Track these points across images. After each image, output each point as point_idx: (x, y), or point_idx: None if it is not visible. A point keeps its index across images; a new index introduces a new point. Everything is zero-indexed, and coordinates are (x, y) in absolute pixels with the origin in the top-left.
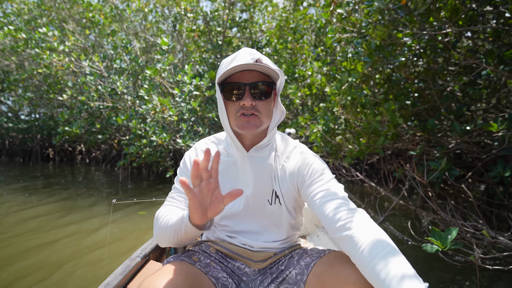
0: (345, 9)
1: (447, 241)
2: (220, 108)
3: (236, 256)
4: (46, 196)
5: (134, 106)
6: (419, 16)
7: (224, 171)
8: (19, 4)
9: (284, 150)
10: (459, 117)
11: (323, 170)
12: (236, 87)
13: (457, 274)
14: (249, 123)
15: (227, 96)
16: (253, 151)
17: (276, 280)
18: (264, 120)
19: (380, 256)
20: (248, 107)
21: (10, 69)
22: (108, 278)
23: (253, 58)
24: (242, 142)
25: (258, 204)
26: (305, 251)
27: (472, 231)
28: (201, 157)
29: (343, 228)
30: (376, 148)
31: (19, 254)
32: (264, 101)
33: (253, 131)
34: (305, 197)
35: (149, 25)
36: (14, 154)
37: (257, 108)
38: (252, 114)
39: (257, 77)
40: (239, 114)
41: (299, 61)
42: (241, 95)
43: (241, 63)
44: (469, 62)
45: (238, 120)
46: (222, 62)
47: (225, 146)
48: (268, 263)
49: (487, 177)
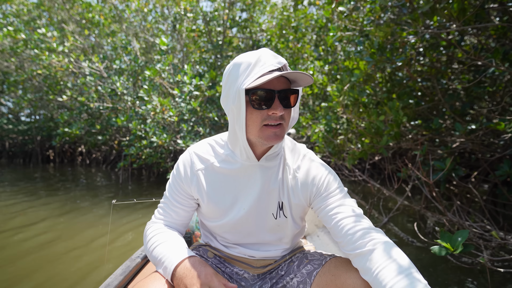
0: (347, 6)
1: (457, 243)
2: (237, 115)
3: (235, 262)
4: (47, 197)
5: (134, 107)
6: (422, 15)
7: (224, 181)
8: (18, 5)
9: (293, 158)
10: (463, 116)
11: (338, 184)
12: (267, 95)
13: (464, 276)
14: (276, 134)
15: (252, 104)
16: (264, 161)
17: (275, 286)
18: (287, 129)
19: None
20: (277, 117)
21: (9, 71)
22: (108, 279)
23: (280, 62)
24: (254, 151)
25: (261, 218)
26: (305, 255)
27: (481, 232)
28: (196, 163)
29: (361, 246)
30: (379, 148)
31: (18, 255)
32: (290, 110)
33: (278, 142)
34: (317, 210)
35: (148, 26)
36: (14, 156)
37: (284, 117)
38: (279, 124)
39: (285, 84)
40: (264, 123)
41: (300, 60)
42: (270, 103)
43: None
44: (477, 60)
45: (263, 130)
46: (240, 63)
47: (226, 152)
48: (268, 269)
49: (493, 177)
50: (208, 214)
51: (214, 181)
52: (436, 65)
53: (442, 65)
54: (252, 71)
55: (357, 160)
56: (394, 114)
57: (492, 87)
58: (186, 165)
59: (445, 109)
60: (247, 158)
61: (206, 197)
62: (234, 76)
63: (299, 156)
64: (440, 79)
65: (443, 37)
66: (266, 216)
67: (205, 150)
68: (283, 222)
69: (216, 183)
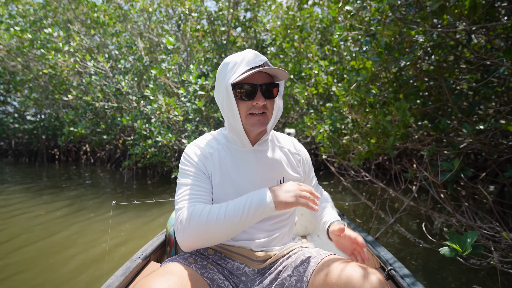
0: (354, 6)
1: (466, 245)
2: (229, 108)
3: (235, 256)
4: (51, 196)
5: (138, 106)
6: (431, 13)
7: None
8: (24, 5)
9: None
10: (471, 116)
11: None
12: (250, 88)
13: (471, 277)
14: (260, 121)
15: (239, 96)
16: (258, 146)
17: (275, 282)
18: (270, 117)
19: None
20: (260, 107)
21: (16, 70)
22: (109, 280)
23: (261, 60)
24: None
25: None
26: (303, 253)
27: (491, 233)
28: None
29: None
30: (386, 149)
31: (18, 254)
32: (272, 100)
33: (262, 128)
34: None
35: (153, 25)
36: (20, 155)
37: (267, 107)
38: (263, 112)
39: (267, 79)
40: (249, 113)
41: (305, 60)
42: (253, 95)
43: (253, 65)
44: (486, 60)
45: (248, 118)
46: (228, 63)
47: (225, 143)
48: (267, 263)
49: (502, 178)
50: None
51: (222, 162)
52: (443, 64)
53: (449, 65)
54: (238, 68)
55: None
56: (401, 114)
57: (500, 87)
58: (196, 149)
59: (452, 109)
60: (242, 144)
61: (219, 174)
62: (223, 73)
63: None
64: (448, 78)
65: (451, 36)
66: None
67: (206, 141)
68: None
69: (224, 164)
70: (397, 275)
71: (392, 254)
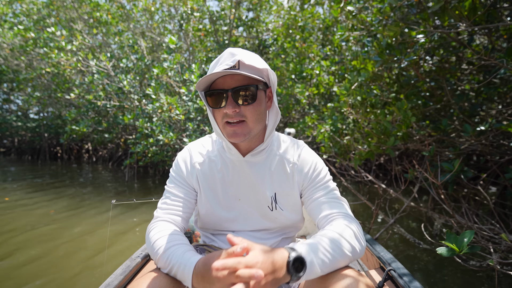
0: (355, 6)
1: (463, 244)
2: (209, 115)
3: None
4: (53, 194)
5: (140, 105)
6: (432, 14)
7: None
8: (28, 4)
9: (287, 150)
10: (472, 117)
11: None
12: (217, 94)
13: (471, 279)
14: (236, 132)
15: (212, 104)
16: (250, 156)
17: None
18: (254, 125)
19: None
20: (232, 115)
21: (19, 69)
22: (108, 279)
23: (234, 60)
24: (237, 147)
25: (257, 210)
26: None
27: (490, 234)
28: (194, 157)
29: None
30: (386, 149)
31: (19, 253)
32: (251, 106)
33: (241, 139)
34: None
35: (155, 25)
36: (23, 152)
37: (243, 113)
38: (240, 121)
39: (240, 81)
40: (224, 122)
41: (307, 60)
42: (223, 102)
43: (220, 69)
44: (488, 61)
45: (225, 128)
46: (210, 66)
47: (219, 149)
48: None
49: (503, 179)
50: (207, 206)
51: (211, 172)
52: (445, 65)
53: (451, 66)
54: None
55: (363, 161)
56: (403, 114)
57: (502, 88)
58: (186, 158)
59: (454, 110)
60: (231, 154)
61: (203, 188)
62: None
63: (293, 147)
64: (449, 79)
65: (453, 37)
66: (261, 208)
67: (201, 146)
68: (279, 214)
69: (213, 175)
70: (396, 276)
71: (391, 255)
